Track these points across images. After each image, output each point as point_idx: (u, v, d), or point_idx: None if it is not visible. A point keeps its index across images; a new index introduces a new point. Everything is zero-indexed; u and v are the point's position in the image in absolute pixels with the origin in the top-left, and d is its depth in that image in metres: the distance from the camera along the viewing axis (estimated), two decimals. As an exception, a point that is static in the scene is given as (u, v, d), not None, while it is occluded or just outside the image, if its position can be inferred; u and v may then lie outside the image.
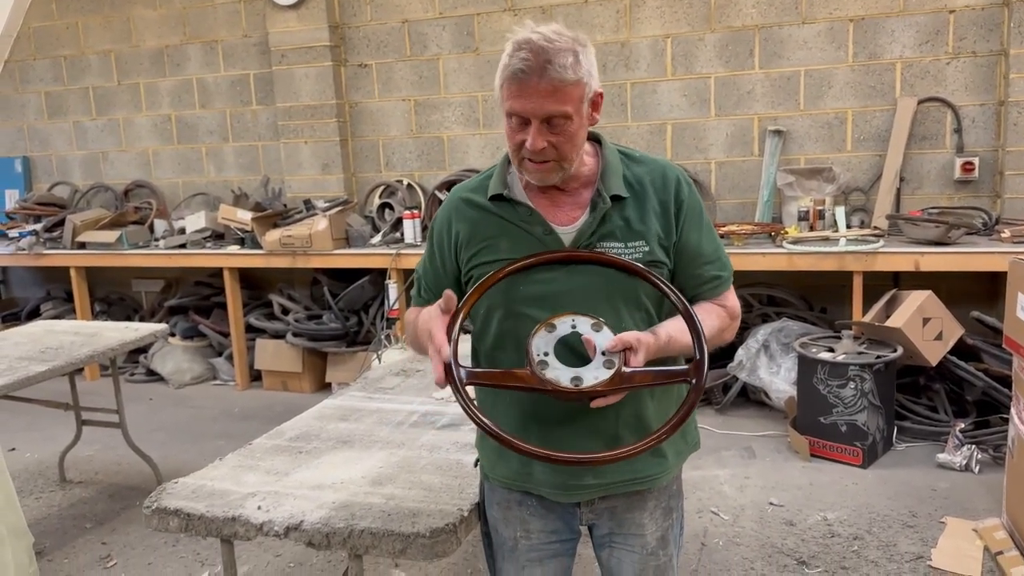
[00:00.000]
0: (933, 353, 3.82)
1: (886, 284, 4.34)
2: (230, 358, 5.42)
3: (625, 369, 1.41)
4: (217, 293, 5.63)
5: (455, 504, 1.79)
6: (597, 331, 1.46)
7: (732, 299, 1.66)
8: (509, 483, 1.66)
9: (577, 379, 1.41)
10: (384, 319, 4.74)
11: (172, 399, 5.30)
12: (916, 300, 3.87)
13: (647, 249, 1.54)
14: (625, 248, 1.54)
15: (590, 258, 1.53)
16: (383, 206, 5.22)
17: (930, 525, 3.17)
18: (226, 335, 5.41)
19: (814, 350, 3.87)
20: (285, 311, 5.28)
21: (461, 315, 1.47)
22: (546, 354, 1.44)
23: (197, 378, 5.55)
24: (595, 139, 1.63)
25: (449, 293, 1.44)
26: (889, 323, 3.83)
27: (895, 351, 3.78)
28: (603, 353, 1.43)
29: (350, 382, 4.96)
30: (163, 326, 3.76)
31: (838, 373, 3.71)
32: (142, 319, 5.99)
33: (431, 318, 1.60)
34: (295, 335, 5.06)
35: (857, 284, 4.05)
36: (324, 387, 5.25)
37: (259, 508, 1.79)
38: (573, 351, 1.47)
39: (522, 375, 1.42)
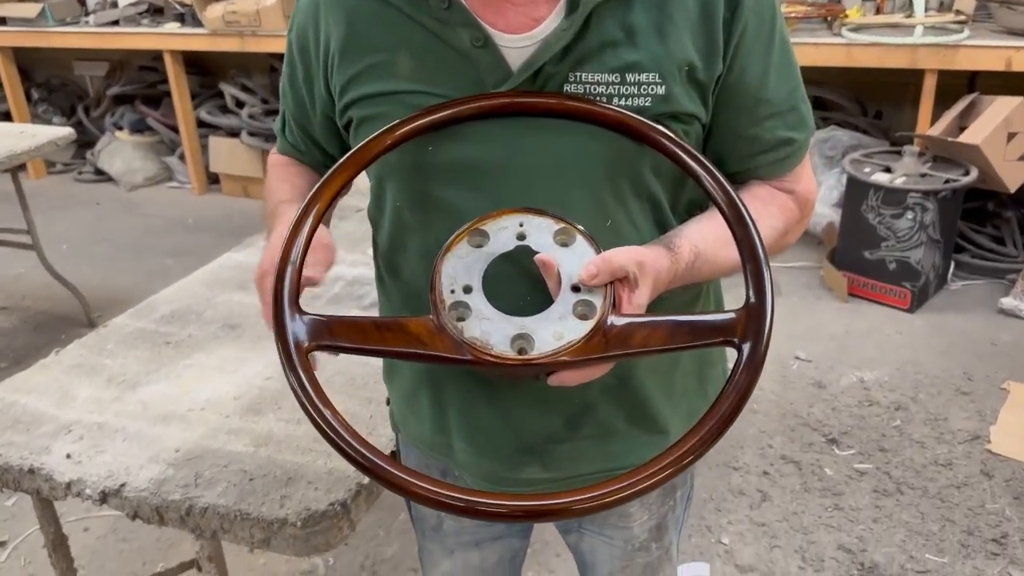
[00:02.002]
0: (1014, 177, 3.10)
1: (961, 85, 3.52)
2: (184, 157, 4.74)
3: (614, 320, 0.76)
4: (165, 80, 4.83)
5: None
6: (564, 244, 0.80)
7: (806, 178, 0.96)
8: (424, 448, 1.07)
9: (523, 339, 0.76)
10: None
11: (122, 204, 4.69)
12: (1002, 109, 3.08)
13: (662, 91, 0.83)
14: (622, 85, 0.83)
15: (554, 108, 0.83)
16: (349, -25, 4.28)
17: (989, 392, 2.62)
18: (177, 130, 4.69)
19: (867, 170, 3.15)
20: (239, 104, 4.52)
21: (308, 224, 0.80)
22: (467, 290, 0.78)
23: (150, 179, 4.90)
24: None
25: None
26: (964, 138, 3.07)
27: (967, 173, 3.06)
28: (575, 288, 0.77)
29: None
30: (67, 131, 3.05)
31: (895, 200, 3.02)
32: (87, 109, 5.25)
33: (282, 199, 0.94)
34: (251, 134, 4.34)
35: (929, 86, 3.23)
36: (290, 194, 4.61)
37: (68, 457, 1.22)
38: (519, 281, 0.82)
39: (419, 330, 0.77)
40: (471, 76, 0.85)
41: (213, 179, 4.77)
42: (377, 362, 1.44)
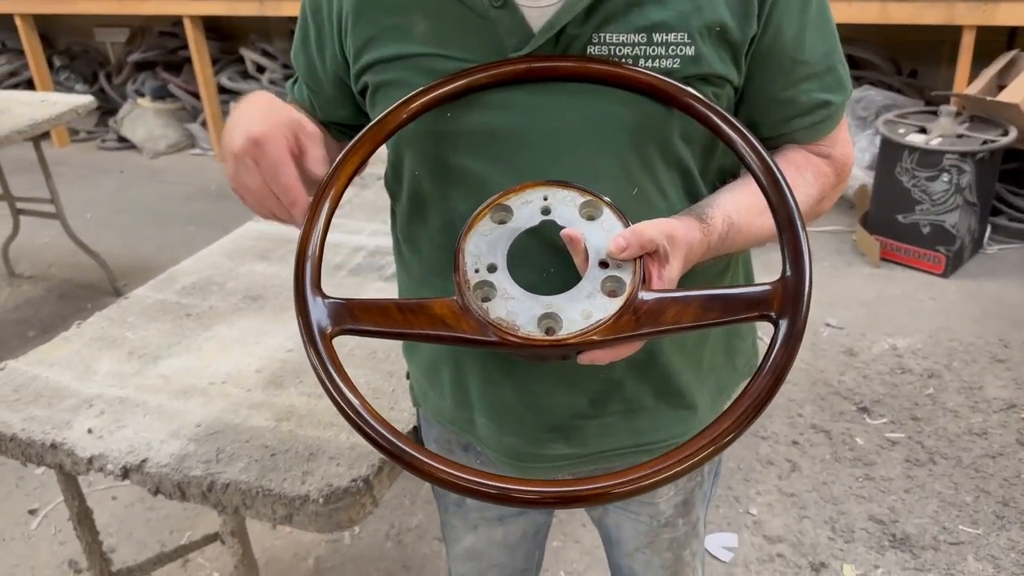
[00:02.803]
0: (1055, 136, 2.99)
1: (1000, 43, 3.39)
2: (206, 123, 4.72)
3: (644, 295, 0.72)
4: (186, 46, 4.80)
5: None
6: (592, 218, 0.76)
7: (843, 141, 0.91)
8: (445, 423, 1.05)
9: (551, 318, 0.73)
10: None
11: (145, 171, 4.69)
12: (1045, 66, 2.97)
13: (691, 51, 0.78)
14: (648, 46, 0.78)
15: (576, 72, 0.78)
16: (368, -64, 4.19)
17: (1026, 360, 2.56)
18: (199, 96, 4.67)
19: (902, 131, 3.05)
20: (260, 69, 4.48)
21: (327, 205, 0.77)
22: (492, 268, 0.75)
23: (173, 146, 4.89)
24: None
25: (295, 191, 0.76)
26: (1003, 96, 2.97)
27: (1006, 134, 2.96)
28: (603, 264, 0.73)
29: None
30: (87, 99, 3.03)
31: (930, 162, 2.93)
32: (109, 76, 5.23)
33: (287, 112, 0.88)
34: (272, 100, 4.30)
35: (966, 43, 3.12)
36: (313, 160, 4.57)
37: (90, 432, 1.21)
38: (545, 257, 0.79)
39: (444, 311, 0.73)
40: (490, 38, 0.80)
41: (235, 146, 4.74)
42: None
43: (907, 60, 3.78)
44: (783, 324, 0.69)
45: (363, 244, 1.79)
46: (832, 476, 2.16)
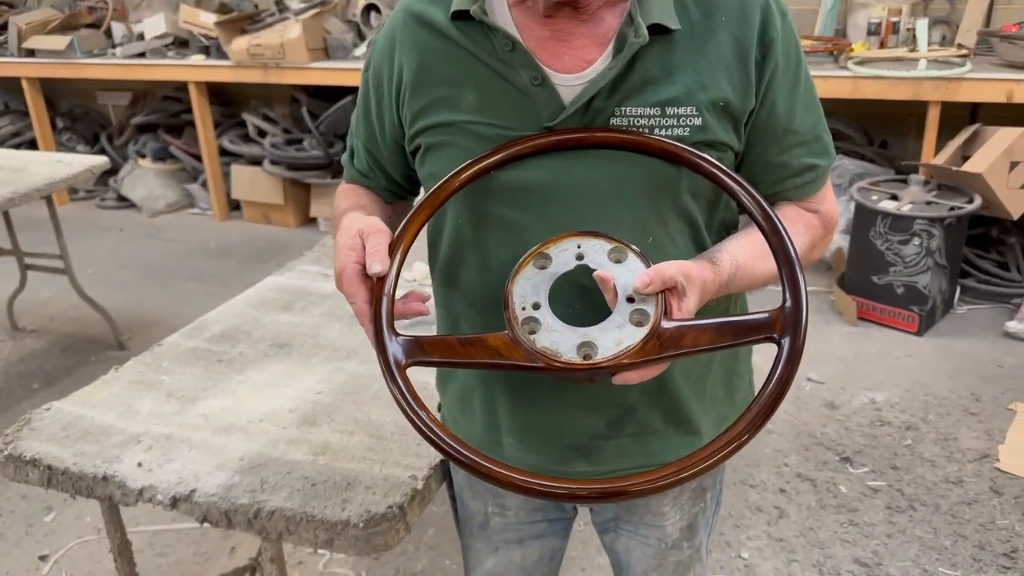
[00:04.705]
0: (1017, 204, 3.20)
1: (964, 116, 3.63)
2: (207, 184, 4.86)
3: (666, 324, 0.85)
4: (188, 109, 4.96)
5: (408, 465, 1.29)
6: (618, 261, 0.89)
7: (829, 199, 1.06)
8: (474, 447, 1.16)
9: (588, 347, 0.86)
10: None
11: (145, 229, 4.81)
12: (1004, 140, 3.19)
13: (699, 122, 0.93)
14: (662, 117, 0.93)
15: (604, 141, 0.93)
16: (368, 8, 4.41)
17: (996, 412, 2.70)
18: (200, 158, 4.82)
19: (874, 197, 3.25)
20: (262, 133, 4.64)
21: (397, 259, 0.90)
22: (536, 306, 0.88)
23: (172, 205, 5.02)
24: None
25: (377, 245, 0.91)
26: (968, 167, 3.18)
27: (971, 201, 3.16)
28: (630, 299, 0.87)
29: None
30: (101, 160, 3.17)
31: (902, 227, 3.12)
32: (110, 137, 5.38)
33: (347, 210, 1.04)
34: (272, 162, 4.46)
35: (932, 117, 3.34)
36: (309, 221, 4.71)
37: (139, 465, 1.31)
38: (580, 295, 0.92)
39: (498, 344, 0.87)
40: (529, 109, 0.95)
41: (234, 206, 4.88)
42: (425, 376, 1.53)
43: (878, 132, 4.01)
44: (785, 344, 0.82)
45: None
46: (818, 522, 2.26)
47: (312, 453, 1.33)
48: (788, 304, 0.85)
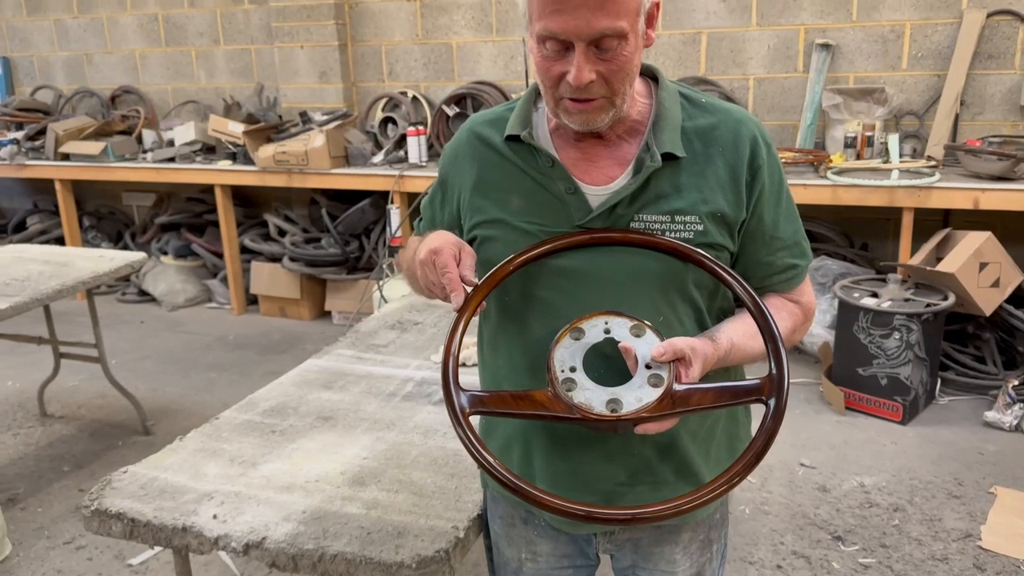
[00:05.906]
0: (988, 302, 3.46)
1: (936, 221, 3.94)
2: (225, 280, 5.11)
3: (677, 387, 1.07)
4: (211, 210, 5.28)
5: (450, 518, 1.48)
6: (638, 336, 1.12)
7: (808, 293, 1.31)
8: (510, 499, 1.36)
9: (615, 402, 1.07)
10: (386, 246, 4.39)
11: (165, 322, 5.03)
12: (973, 243, 3.48)
13: (701, 228, 1.18)
14: (672, 223, 1.18)
15: (625, 240, 1.17)
16: (386, 121, 4.79)
17: (978, 495, 2.88)
18: (221, 256, 5.09)
19: (856, 295, 3.51)
20: (282, 232, 4.94)
21: (462, 326, 1.13)
22: (572, 369, 1.11)
23: (191, 300, 5.26)
24: (649, 75, 1.25)
25: (457, 282, 1.14)
26: (942, 267, 3.46)
27: (946, 298, 3.42)
28: (647, 366, 1.09)
29: (351, 311, 4.67)
30: (140, 255, 3.43)
31: (882, 322, 3.36)
32: (133, 235, 5.67)
33: (446, 234, 1.26)
34: (292, 259, 4.73)
35: (907, 222, 3.65)
36: (324, 315, 4.95)
37: (215, 517, 1.49)
38: (606, 363, 1.14)
39: (542, 398, 1.09)
40: (563, 212, 1.20)
41: (251, 300, 5.12)
42: (454, 445, 1.74)
43: (858, 235, 4.32)
44: (771, 403, 1.05)
45: (411, 376, 2.13)
46: (813, 595, 2.41)
47: (365, 507, 1.52)
48: (774, 372, 1.08)
